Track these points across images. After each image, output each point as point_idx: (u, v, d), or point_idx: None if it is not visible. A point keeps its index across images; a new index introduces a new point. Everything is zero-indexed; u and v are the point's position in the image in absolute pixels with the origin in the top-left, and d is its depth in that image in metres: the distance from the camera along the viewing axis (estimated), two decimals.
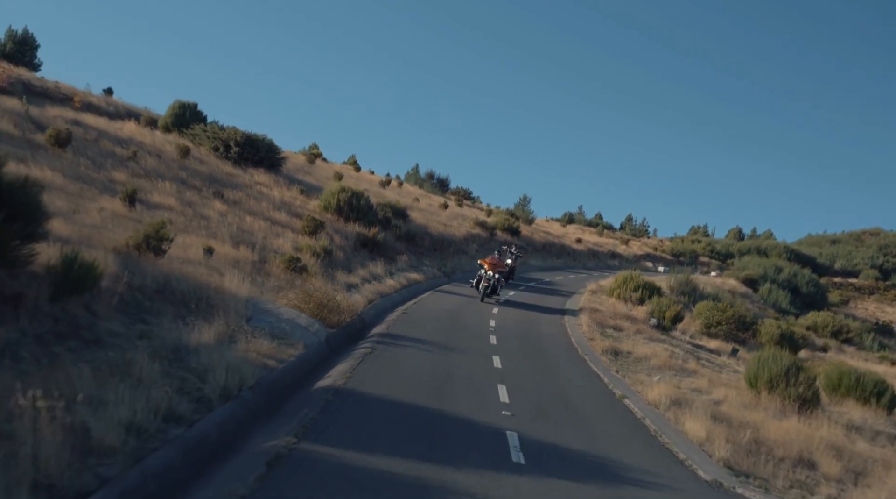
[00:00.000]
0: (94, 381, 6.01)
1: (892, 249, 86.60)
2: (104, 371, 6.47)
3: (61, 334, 7.67)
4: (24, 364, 6.34)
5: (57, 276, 8.20)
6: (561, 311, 23.02)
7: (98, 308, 8.86)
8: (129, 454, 5.32)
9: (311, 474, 5.69)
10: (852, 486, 8.98)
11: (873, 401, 16.16)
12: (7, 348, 6.67)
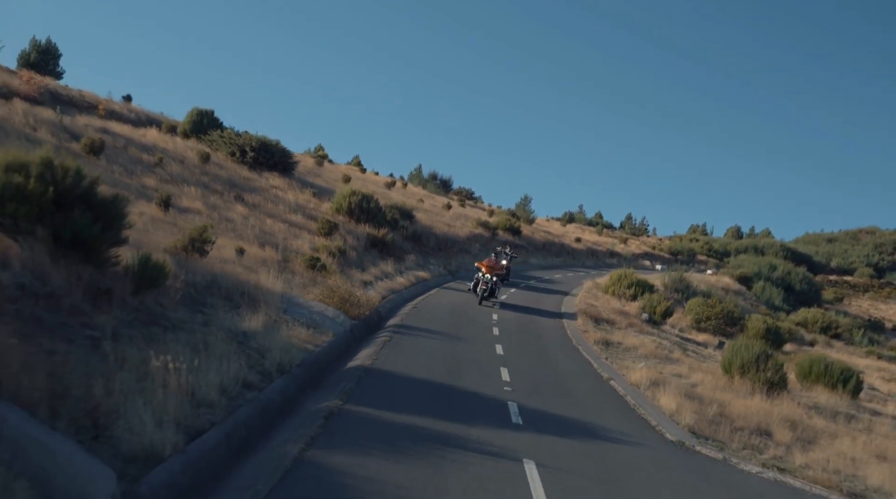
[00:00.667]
0: (188, 355, 7.76)
1: (888, 248, 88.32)
2: (190, 349, 8.23)
3: (145, 321, 9.42)
4: (126, 343, 8.09)
5: (135, 274, 9.95)
6: (558, 306, 24.78)
7: (165, 301, 10.61)
8: (223, 408, 7.09)
9: (359, 424, 7.45)
10: (799, 450, 10.73)
11: (840, 386, 17.94)
12: (106, 331, 8.43)
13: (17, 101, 25.26)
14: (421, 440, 7.28)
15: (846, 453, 10.84)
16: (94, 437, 5.43)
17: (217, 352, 8.36)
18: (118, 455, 5.31)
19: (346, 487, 5.68)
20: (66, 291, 8.41)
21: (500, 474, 6.77)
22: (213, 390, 7.18)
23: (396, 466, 6.37)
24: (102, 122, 28.35)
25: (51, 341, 6.88)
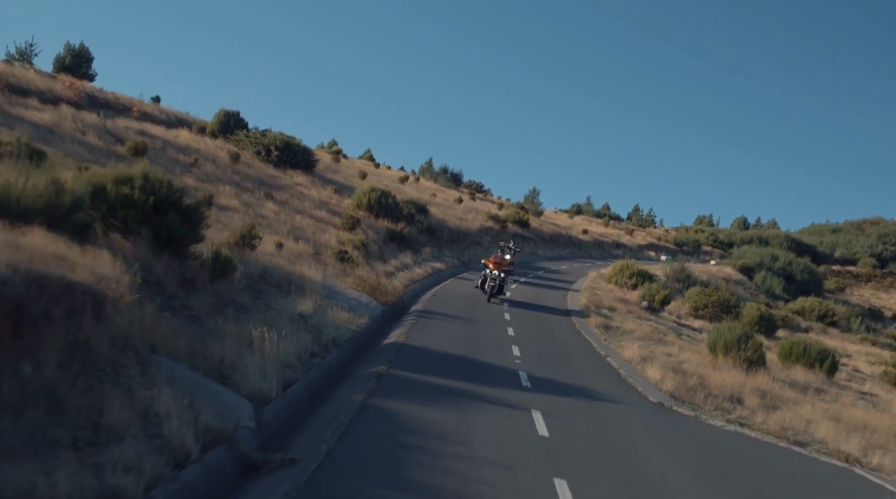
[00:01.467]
0: (267, 330, 9.92)
1: (891, 238, 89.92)
2: (266, 326, 10.39)
3: (222, 305, 11.58)
4: (219, 321, 10.25)
5: (210, 266, 12.12)
6: (564, 295, 26.90)
7: (231, 288, 12.78)
8: (301, 369, 9.26)
9: (402, 383, 9.60)
10: (762, 412, 12.83)
11: (817, 366, 20.00)
12: (200, 311, 10.59)
13: (63, 106, 27.47)
14: (451, 395, 9.43)
15: (803, 416, 12.94)
16: (223, 383, 7.60)
17: (285, 329, 10.51)
18: (242, 395, 7.47)
19: (401, 422, 7.82)
20: (166, 280, 10.59)
21: (513, 418, 8.92)
22: (292, 356, 9.35)
23: (435, 410, 8.52)
24: (139, 124, 30.56)
25: (169, 319, 9.04)
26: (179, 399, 6.22)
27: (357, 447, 6.69)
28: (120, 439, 5.38)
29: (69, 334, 6.48)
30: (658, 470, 7.96)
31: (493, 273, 21.68)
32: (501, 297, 22.37)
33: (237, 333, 9.11)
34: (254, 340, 8.83)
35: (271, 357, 8.69)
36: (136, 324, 7.33)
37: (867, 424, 13.33)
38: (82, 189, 9.86)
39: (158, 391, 6.24)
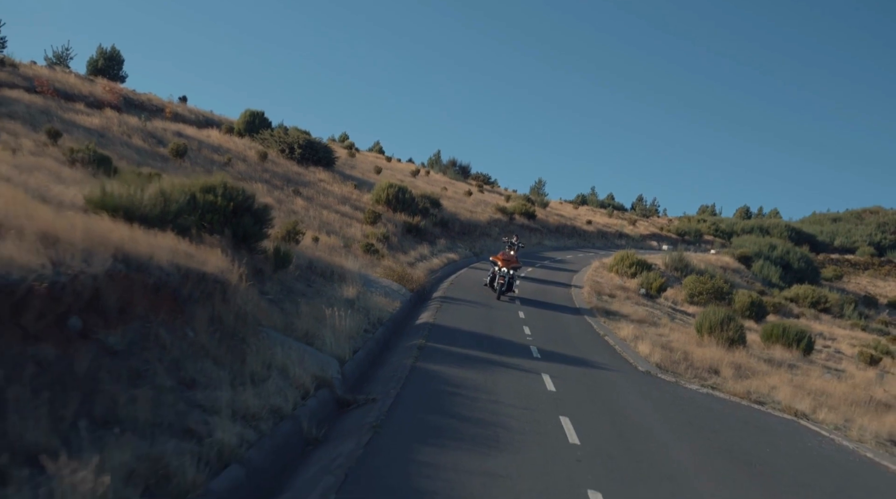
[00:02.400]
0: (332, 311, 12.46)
1: (890, 227, 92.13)
2: (326, 306, 12.92)
3: (286, 291, 14.13)
4: (290, 303, 12.78)
5: (272, 258, 14.65)
6: (568, 282, 29.41)
7: (287, 278, 15.33)
8: (360, 340, 11.81)
9: (439, 352, 12.14)
10: (734, 380, 15.34)
11: (794, 345, 22.48)
12: (274, 295, 13.13)
13: (107, 110, 30.00)
14: (477, 361, 11.98)
15: (769, 384, 15.46)
16: (305, 339, 10.14)
17: (341, 310, 13.05)
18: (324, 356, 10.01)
19: (443, 379, 10.35)
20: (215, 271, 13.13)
21: (527, 378, 11.47)
22: (353, 330, 11.90)
23: (467, 371, 11.06)
24: (174, 125, 33.08)
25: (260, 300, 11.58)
26: (291, 356, 8.77)
27: (415, 393, 9.23)
28: (263, 381, 7.93)
29: (208, 310, 9.05)
30: (638, 415, 10.49)
31: (502, 270, 21.61)
32: (511, 294, 22.43)
33: (308, 312, 11.67)
34: (326, 317, 11.38)
35: (339, 331, 11.24)
36: (247, 303, 9.89)
37: (824, 390, 15.83)
38: (181, 198, 12.38)
39: (275, 351, 8.80)
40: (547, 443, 8.08)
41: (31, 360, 5.88)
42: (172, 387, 6.83)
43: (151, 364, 7.10)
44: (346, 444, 6.89)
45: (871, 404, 15.66)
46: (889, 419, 13.78)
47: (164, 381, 6.85)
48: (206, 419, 6.28)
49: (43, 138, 21.78)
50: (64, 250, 6.89)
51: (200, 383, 7.47)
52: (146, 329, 7.60)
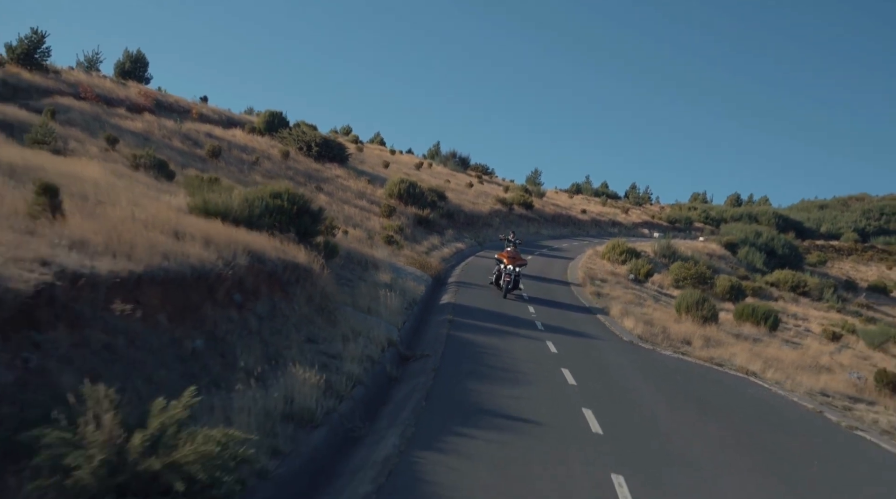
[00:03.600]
0: (378, 292, 15.81)
1: (874, 214, 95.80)
2: (373, 289, 16.27)
3: (337, 277, 17.48)
4: (347, 286, 16.11)
5: (324, 250, 17.99)
6: (564, 268, 32.83)
7: (333, 266, 18.69)
8: (404, 314, 15.20)
9: (464, 325, 15.54)
10: (702, 349, 18.78)
11: (762, 323, 25.95)
12: (328, 282, 16.48)
13: (146, 114, 33.17)
14: (495, 331, 15.38)
15: (732, 352, 18.90)
16: (368, 312, 13.51)
17: (386, 291, 16.41)
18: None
19: (471, 342, 13.74)
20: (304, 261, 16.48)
21: (535, 343, 14.88)
22: (399, 307, 15.29)
23: (489, 338, 14.46)
24: (203, 126, 36.26)
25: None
26: (365, 324, 12.16)
27: (454, 351, 12.63)
28: (354, 339, 11.30)
29: (304, 291, 12.42)
30: (619, 369, 13.92)
31: (508, 268, 21.57)
32: (517, 292, 22.49)
33: (365, 293, 15.05)
34: (379, 297, 14.78)
35: (390, 308, 14.63)
36: (327, 286, 13.26)
37: (777, 357, 19.29)
38: (259, 203, 15.69)
39: (354, 320, 12.17)
40: (553, 383, 11.50)
41: (224, 321, 9.26)
42: (303, 341, 10.21)
43: (285, 326, 10.49)
44: (419, 379, 10.29)
45: (815, 367, 19.13)
46: (823, 378, 17.27)
47: (297, 337, 10.23)
48: (333, 361, 9.66)
49: (103, 144, 24.98)
50: (218, 249, 10.24)
51: (317, 339, 10.86)
52: (272, 304, 10.97)
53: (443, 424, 8.02)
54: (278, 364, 8.45)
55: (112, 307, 7.03)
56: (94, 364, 6.33)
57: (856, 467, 9.94)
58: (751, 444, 9.90)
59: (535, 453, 7.58)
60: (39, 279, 6.24)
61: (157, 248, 8.77)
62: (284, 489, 5.70)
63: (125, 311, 7.01)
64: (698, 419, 10.93)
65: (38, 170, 12.74)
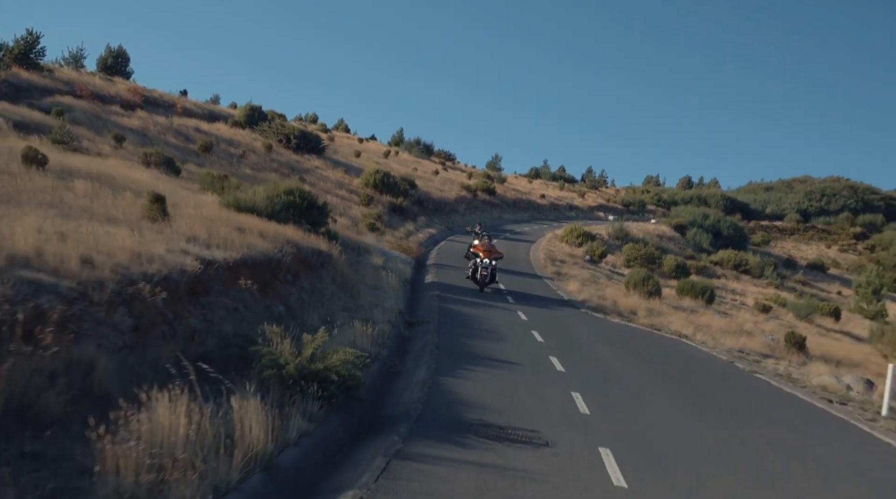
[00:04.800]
0: (377, 271, 19.16)
1: (816, 195, 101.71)
2: (373, 269, 19.62)
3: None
4: (353, 267, 19.42)
5: (328, 236, 21.28)
6: (528, 251, 36.53)
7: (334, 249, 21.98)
8: (402, 290, 18.63)
9: (450, 299, 19.03)
10: (645, 318, 22.56)
11: (700, 297, 29.97)
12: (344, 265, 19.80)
13: (139, 111, 35.79)
14: (475, 304, 18.91)
15: (669, 320, 22.72)
16: (376, 289, 16.90)
17: (384, 272, 19.75)
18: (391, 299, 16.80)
19: (457, 312, 17.24)
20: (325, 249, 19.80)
21: (509, 313, 18.45)
22: (398, 285, 18.68)
23: (471, 309, 17.98)
24: (190, 121, 38.95)
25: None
26: (377, 298, 15.55)
27: (447, 318, 16.12)
28: (373, 308, 14.67)
29: (328, 272, 15.77)
30: (577, 331, 17.57)
31: (485, 262, 21.70)
32: (494, 285, 22.56)
33: (369, 273, 18.42)
34: (381, 277, 18.18)
35: (391, 285, 18.05)
36: (344, 267, 16.61)
37: (708, 324, 23.18)
38: (278, 200, 18.91)
39: (369, 295, 15.56)
40: (526, 340, 15.08)
41: (287, 294, 12.59)
42: (341, 309, 13.59)
43: (323, 299, 13.85)
44: (427, 337, 13.76)
45: (739, 332, 23.06)
46: (743, 340, 21.19)
47: (335, 306, 13.61)
48: (369, 322, 13.06)
49: (112, 142, 27.75)
50: (270, 239, 13.52)
51: (349, 308, 14.23)
52: (310, 282, 14.31)
53: (452, 363, 11.51)
54: (333, 324, 11.80)
55: (228, 283, 10.35)
56: (233, 320, 9.68)
57: (747, 395, 13.68)
58: (671, 379, 13.61)
59: (518, 379, 11.12)
60: (194, 263, 9.54)
61: (237, 241, 12.07)
62: (375, 383, 9.16)
63: (238, 286, 10.35)
64: (635, 364, 14.61)
65: (107, 176, 15.87)
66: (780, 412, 12.43)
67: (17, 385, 5.43)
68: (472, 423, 8.24)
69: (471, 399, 9.38)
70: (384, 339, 12.13)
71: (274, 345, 7.69)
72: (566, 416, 9.36)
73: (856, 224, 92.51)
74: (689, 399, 12.06)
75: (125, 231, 9.75)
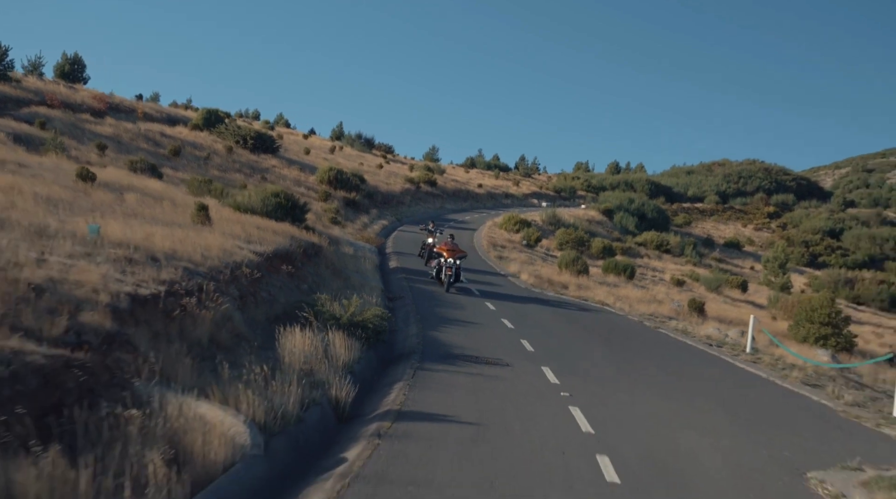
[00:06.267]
0: (355, 258, 23.18)
1: (734, 178, 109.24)
2: (351, 259, 23.62)
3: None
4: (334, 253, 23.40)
5: (308, 230, 25.22)
6: (471, 238, 40.96)
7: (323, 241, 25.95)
8: (376, 273, 22.74)
9: (415, 279, 23.22)
10: (574, 291, 27.20)
11: (623, 274, 34.91)
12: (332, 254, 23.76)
13: (108, 118, 38.71)
14: (435, 284, 23.13)
15: (594, 293, 27.40)
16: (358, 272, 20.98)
17: (355, 259, 23.76)
18: (372, 281, 20.88)
19: (424, 290, 21.45)
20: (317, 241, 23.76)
21: (464, 289, 22.74)
22: (372, 269, 22.76)
23: (434, 287, 22.23)
24: (155, 125, 41.96)
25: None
26: (361, 280, 19.65)
27: (417, 295, 20.32)
28: (360, 288, 18.77)
29: (320, 260, 19.82)
30: (521, 303, 22.02)
31: (449, 261, 22.04)
32: (460, 284, 23.16)
33: (348, 261, 22.44)
34: (360, 263, 22.24)
35: (367, 270, 22.14)
36: (331, 256, 20.64)
37: (627, 295, 27.98)
38: (271, 201, 22.75)
39: (355, 278, 19.66)
40: (481, 309, 19.45)
41: (306, 276, 16.63)
42: (342, 287, 17.65)
43: (324, 280, 17.90)
44: (406, 308, 17.95)
45: (652, 301, 27.93)
46: (654, 307, 26.03)
47: (335, 285, 17.66)
48: (365, 297, 17.17)
49: (96, 151, 30.90)
50: (280, 235, 17.54)
51: (345, 287, 18.26)
52: (311, 268, 18.34)
53: (432, 324, 15.75)
54: (342, 296, 15.86)
55: (271, 269, 14.36)
56: (283, 293, 13.72)
57: (648, 342, 18.30)
58: (592, 332, 18.16)
59: (481, 333, 15.45)
60: (252, 255, 13.54)
61: (264, 237, 16.05)
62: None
63: (279, 270, 14.38)
64: (566, 324, 19.14)
65: (128, 185, 19.53)
66: (670, 351, 17.10)
67: (207, 328, 9.43)
68: (457, 355, 12.55)
69: (452, 343, 13.67)
70: (382, 306, 16.28)
71: (327, 306, 11.82)
72: (518, 352, 13.74)
73: (769, 204, 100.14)
74: (604, 344, 16.59)
75: (196, 233, 13.70)
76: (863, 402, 13.26)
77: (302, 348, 9.47)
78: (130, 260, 9.88)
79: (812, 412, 11.87)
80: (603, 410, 9.83)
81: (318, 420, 7.90)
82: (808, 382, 14.91)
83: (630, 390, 11.64)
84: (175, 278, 9.76)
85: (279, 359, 9.04)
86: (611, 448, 7.95)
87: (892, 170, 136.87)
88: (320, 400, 8.27)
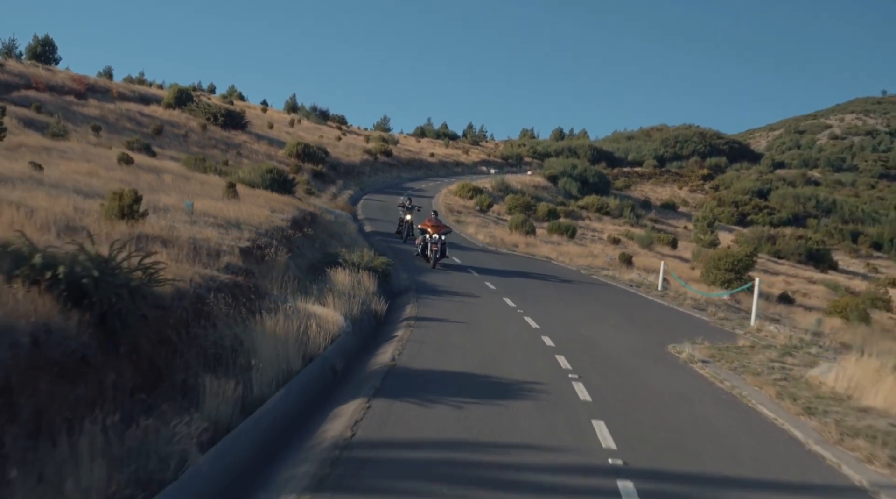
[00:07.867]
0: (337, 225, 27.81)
1: (671, 142, 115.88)
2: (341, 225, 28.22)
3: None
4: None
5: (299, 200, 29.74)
6: (430, 205, 45.71)
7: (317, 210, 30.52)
8: (360, 235, 27.46)
9: (390, 241, 28.02)
10: (524, 249, 32.32)
11: (565, 234, 40.23)
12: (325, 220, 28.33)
13: (91, 100, 42.13)
14: (410, 243, 27.95)
15: (541, 250, 32.54)
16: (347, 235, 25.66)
17: (340, 224, 28.34)
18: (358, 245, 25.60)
19: (404, 249, 26.25)
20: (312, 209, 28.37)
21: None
22: (355, 232, 27.42)
23: (410, 246, 27.06)
24: (134, 105, 45.39)
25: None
26: (354, 241, 24.37)
27: (398, 253, 25.12)
28: (356, 247, 23.46)
29: (317, 225, 24.49)
30: (480, 258, 26.99)
31: (434, 237, 22.59)
32: (446, 260, 23.64)
33: (336, 226, 27.06)
34: (347, 227, 26.89)
35: (353, 233, 26.80)
36: (326, 222, 25.29)
37: (568, 251, 33.25)
38: (268, 176, 27.15)
39: (347, 239, 24.38)
40: (448, 259, 24.34)
41: (316, 238, 21.32)
42: (343, 245, 22.34)
43: (326, 241, 22.58)
44: (393, 261, 22.76)
45: (589, 256, 33.23)
46: (590, 260, 31.35)
47: (334, 246, 22.36)
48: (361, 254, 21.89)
49: (91, 132, 34.63)
50: (289, 205, 22.18)
51: (344, 246, 22.95)
52: (314, 230, 23.01)
53: (416, 272, 20.59)
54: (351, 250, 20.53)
55: (295, 232, 19.04)
56: (308, 250, 18.43)
57: (584, 285, 23.47)
58: (541, 279, 23.28)
59: (454, 277, 20.36)
60: (283, 222, 18.20)
61: (282, 208, 20.65)
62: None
63: (303, 233, 19.06)
64: (520, 274, 24.22)
65: (152, 166, 23.77)
66: (600, 290, 22.34)
67: (282, 269, 14.12)
68: (441, 290, 17.50)
69: (435, 284, 18.60)
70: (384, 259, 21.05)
71: (348, 256, 16.61)
72: (484, 289, 18.79)
73: (704, 167, 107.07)
74: (550, 287, 21.71)
75: (238, 205, 18.26)
76: (731, 318, 18.66)
77: (344, 280, 14.28)
78: (220, 225, 14.51)
79: (689, 321, 17.20)
80: (546, 317, 14.94)
81: (368, 320, 12.79)
82: (698, 307, 20.30)
83: (565, 308, 16.80)
84: (253, 237, 14.44)
85: (332, 287, 13.83)
86: (550, 333, 13.03)
87: (822, 131, 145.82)
88: (367, 310, 13.15)
